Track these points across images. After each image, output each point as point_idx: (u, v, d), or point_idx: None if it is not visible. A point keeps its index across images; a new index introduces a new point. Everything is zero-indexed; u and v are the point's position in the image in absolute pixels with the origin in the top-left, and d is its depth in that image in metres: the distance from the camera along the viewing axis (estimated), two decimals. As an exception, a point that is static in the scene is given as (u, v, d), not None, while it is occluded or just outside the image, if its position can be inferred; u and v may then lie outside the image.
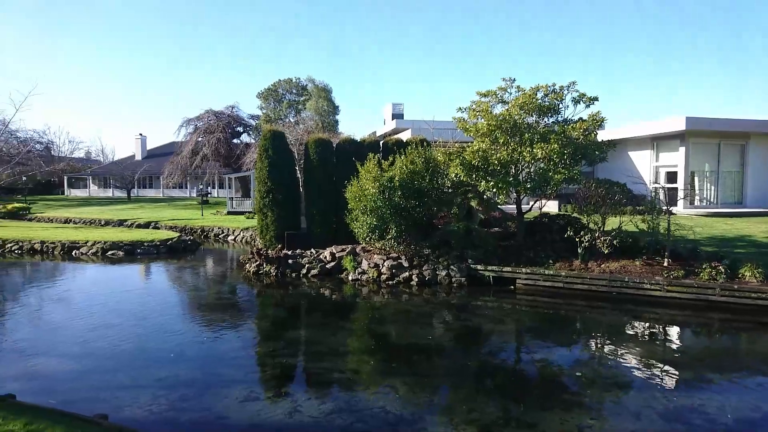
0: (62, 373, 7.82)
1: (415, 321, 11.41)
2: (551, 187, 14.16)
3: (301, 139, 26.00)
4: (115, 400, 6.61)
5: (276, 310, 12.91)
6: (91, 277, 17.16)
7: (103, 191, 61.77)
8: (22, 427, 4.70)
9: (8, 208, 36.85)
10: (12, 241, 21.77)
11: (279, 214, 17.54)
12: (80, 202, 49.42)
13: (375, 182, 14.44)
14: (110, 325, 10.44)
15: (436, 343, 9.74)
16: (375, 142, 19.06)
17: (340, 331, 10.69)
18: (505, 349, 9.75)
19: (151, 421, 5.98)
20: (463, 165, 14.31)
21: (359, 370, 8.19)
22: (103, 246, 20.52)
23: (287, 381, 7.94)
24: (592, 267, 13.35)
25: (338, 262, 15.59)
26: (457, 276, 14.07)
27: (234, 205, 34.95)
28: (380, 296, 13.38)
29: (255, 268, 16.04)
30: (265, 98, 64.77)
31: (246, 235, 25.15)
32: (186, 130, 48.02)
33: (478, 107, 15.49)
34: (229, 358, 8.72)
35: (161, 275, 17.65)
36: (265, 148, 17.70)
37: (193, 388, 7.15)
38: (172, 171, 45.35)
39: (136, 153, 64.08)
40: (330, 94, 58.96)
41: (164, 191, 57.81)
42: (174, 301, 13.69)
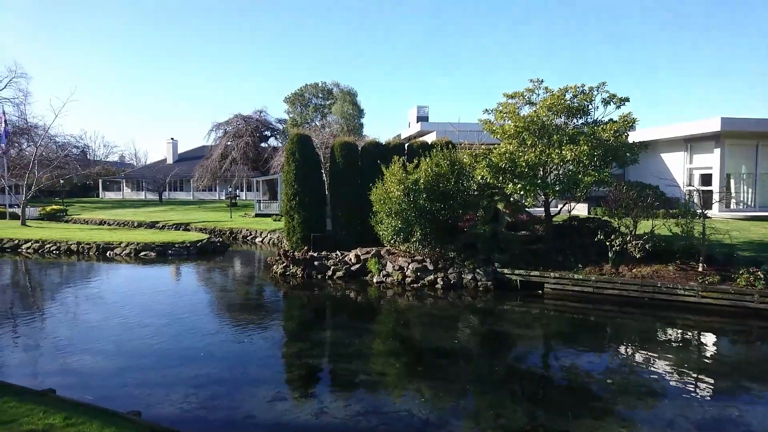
0: (98, 370, 8.08)
1: (441, 324, 11.36)
2: (581, 189, 13.90)
3: (326, 142, 26.30)
4: (147, 398, 6.80)
5: (302, 311, 13.05)
6: (124, 277, 17.69)
7: (136, 194, 63.61)
8: (61, 421, 4.88)
9: (47, 210, 38.33)
10: (50, 242, 22.64)
11: (305, 217, 17.73)
12: (114, 205, 51.06)
13: (400, 185, 14.45)
14: (143, 324, 10.75)
15: (462, 347, 9.66)
16: (400, 144, 19.09)
17: (365, 333, 10.73)
18: (533, 354, 9.60)
19: (182, 419, 6.12)
20: (490, 167, 14.17)
21: (385, 373, 8.19)
22: (136, 247, 21.14)
23: (314, 382, 8.01)
24: (623, 271, 13.03)
25: (363, 264, 15.65)
26: (483, 280, 13.93)
27: (261, 208, 35.49)
28: (405, 299, 13.37)
29: (282, 270, 16.26)
30: (291, 103, 65.57)
31: (273, 237, 25.50)
32: (216, 135, 49.14)
33: (505, 109, 15.34)
34: (258, 358, 8.86)
35: (191, 276, 18.06)
36: (292, 151, 17.93)
37: (223, 386, 7.29)
38: (202, 174, 46.44)
39: (168, 157, 65.78)
40: (355, 98, 59.29)
41: (194, 194, 59.16)
42: (204, 301, 13.98)
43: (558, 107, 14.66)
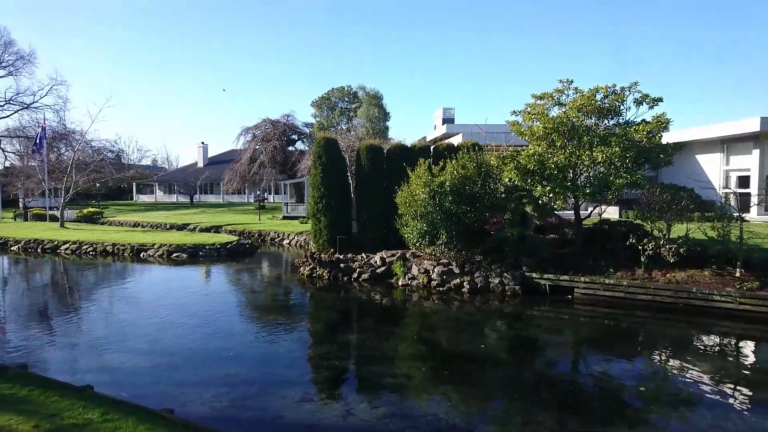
0: (132, 368, 8.34)
1: (467, 329, 11.27)
2: (612, 192, 13.59)
3: (352, 145, 26.47)
4: (180, 396, 6.98)
5: (329, 313, 13.16)
6: (157, 277, 18.20)
7: (168, 197, 65.33)
8: (99, 417, 5.07)
9: (84, 212, 39.79)
10: (87, 243, 23.48)
11: (331, 219, 17.90)
12: (147, 207, 52.61)
13: (425, 187, 14.43)
14: (176, 323, 11.04)
15: (490, 352, 9.57)
16: (425, 147, 19.07)
17: (391, 336, 10.74)
18: (563, 360, 9.43)
19: (213, 418, 6.25)
20: (518, 169, 13.99)
21: (411, 376, 8.19)
22: (169, 249, 21.72)
23: (340, 383, 8.07)
24: (656, 276, 12.67)
25: (388, 267, 15.67)
26: (511, 284, 13.76)
27: (289, 210, 35.97)
28: (431, 302, 13.32)
29: (309, 272, 16.44)
30: (318, 107, 66.35)
31: (300, 239, 25.81)
32: (245, 139, 50.21)
33: (534, 110, 15.14)
34: (285, 359, 8.98)
35: (222, 277, 18.44)
36: (318, 155, 18.14)
37: (252, 386, 7.42)
38: (232, 177, 47.46)
39: (199, 161, 67.38)
40: (380, 101, 59.59)
41: (224, 197, 60.39)
42: (234, 302, 14.26)
43: (588, 108, 14.38)
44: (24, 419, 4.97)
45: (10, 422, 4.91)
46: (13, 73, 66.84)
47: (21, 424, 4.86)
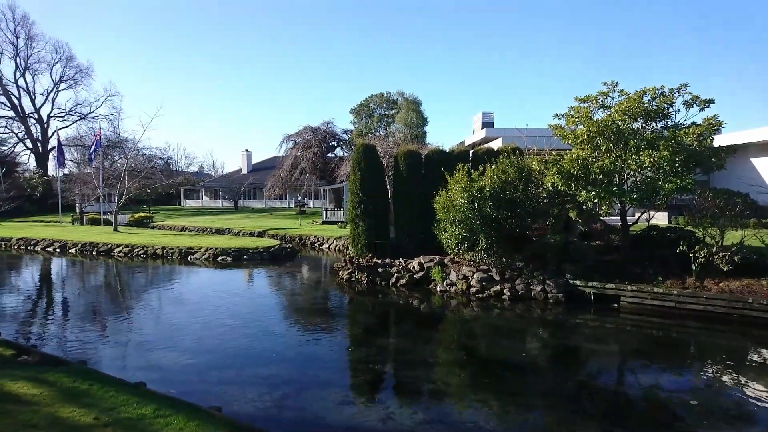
0: (180, 366, 8.69)
1: (508, 336, 11.10)
2: (661, 197, 13.09)
3: (390, 151, 26.61)
4: (225, 394, 7.22)
5: (367, 317, 13.27)
6: (203, 280, 18.87)
7: (214, 202, 67.58)
8: (152, 412, 5.34)
9: (135, 217, 41.72)
10: (139, 246, 24.64)
11: (369, 224, 18.05)
12: (194, 212, 54.60)
13: (464, 192, 14.32)
14: (221, 324, 11.43)
15: (531, 360, 9.39)
16: (464, 152, 18.95)
17: (429, 342, 10.71)
18: (608, 370, 9.14)
19: (256, 417, 6.43)
20: (561, 174, 13.68)
21: (450, 383, 8.15)
22: (214, 252, 22.50)
23: (379, 387, 8.13)
24: (708, 285, 12.08)
25: (426, 272, 15.64)
26: (554, 291, 13.44)
27: (328, 215, 36.50)
28: (470, 309, 13.20)
29: (347, 276, 16.63)
30: (357, 113, 67.06)
31: (339, 244, 26.14)
32: (286, 146, 51.44)
33: (577, 113, 14.79)
34: (325, 361, 9.13)
35: (264, 280, 18.92)
36: (357, 161, 18.36)
37: (293, 387, 7.59)
38: (274, 183, 48.68)
39: (243, 167, 69.44)
40: (419, 106, 59.53)
41: (266, 202, 61.90)
42: (276, 304, 14.61)
43: (635, 110, 13.93)
44: (85, 412, 5.29)
45: (73, 414, 5.24)
46: (73, 86, 71.32)
47: (83, 416, 5.18)
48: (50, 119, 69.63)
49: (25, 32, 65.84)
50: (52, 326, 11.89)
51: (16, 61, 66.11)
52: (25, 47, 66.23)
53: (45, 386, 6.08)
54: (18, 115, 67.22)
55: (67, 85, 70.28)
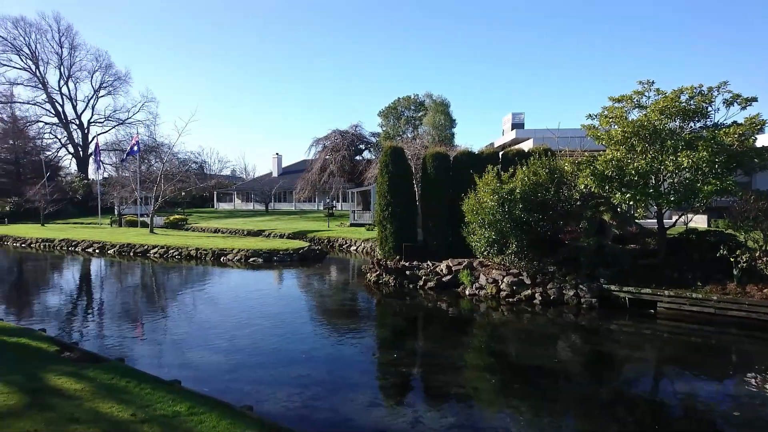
0: (213, 365, 8.88)
1: (539, 342, 10.89)
2: (699, 199, 12.61)
3: (418, 153, 26.53)
4: (256, 394, 7.33)
5: (395, 319, 13.25)
6: (235, 280, 19.25)
7: (245, 204, 68.87)
8: (186, 410, 5.47)
9: (171, 219, 42.99)
10: (174, 247, 25.35)
11: (397, 227, 18.04)
12: (227, 214, 55.82)
13: (494, 194, 14.15)
14: (252, 324, 11.64)
15: (563, 366, 9.18)
16: (494, 153, 18.73)
17: (458, 346, 10.61)
18: (644, 378, 8.85)
19: (287, 417, 6.51)
20: (594, 175, 13.35)
21: (479, 387, 8.05)
22: (246, 253, 22.94)
23: (408, 390, 8.09)
24: (751, 291, 11.56)
25: (454, 275, 15.51)
26: (587, 296, 13.12)
27: (356, 218, 36.71)
28: (500, 313, 13.01)
29: (375, 278, 16.66)
30: (385, 116, 67.28)
31: (366, 246, 26.23)
32: (315, 149, 52.11)
33: (611, 113, 14.44)
34: (354, 363, 9.16)
35: (294, 281, 19.16)
36: (385, 163, 18.39)
37: (323, 388, 7.65)
38: (303, 186, 49.37)
39: (273, 170, 70.61)
40: (447, 108, 59.28)
41: (296, 204, 62.70)
42: (305, 305, 14.77)
43: (672, 110, 13.48)
44: (123, 407, 5.47)
45: (112, 409, 5.42)
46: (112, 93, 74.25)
47: (121, 412, 5.36)
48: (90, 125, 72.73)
49: (69, 42, 69.02)
50: (91, 324, 12.35)
51: (60, 70, 69.36)
52: (69, 56, 69.43)
53: (85, 382, 6.31)
54: (61, 122, 70.38)
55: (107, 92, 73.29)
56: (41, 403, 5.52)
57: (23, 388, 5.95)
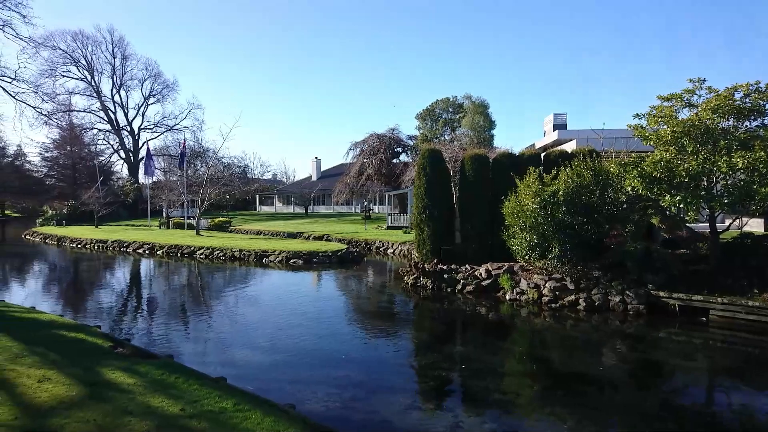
0: (255, 364, 9.13)
1: (583, 349, 10.58)
2: (756, 202, 11.94)
3: (456, 155, 26.36)
4: (297, 393, 7.48)
5: (433, 323, 13.19)
6: (276, 281, 19.69)
7: (286, 207, 70.28)
8: (232, 406, 5.66)
9: (215, 221, 44.39)
10: (218, 249, 26.19)
11: (435, 230, 17.95)
12: (268, 217, 57.09)
13: (536, 197, 13.85)
14: (293, 324, 11.88)
15: (608, 374, 8.89)
16: (535, 155, 18.35)
17: (498, 351, 10.47)
18: (695, 389, 8.46)
19: (327, 417, 6.60)
20: (642, 177, 12.85)
21: (521, 393, 7.91)
22: (287, 255, 23.42)
23: (446, 394, 8.05)
24: (817, 301, 10.82)
25: (494, 279, 15.27)
26: (634, 303, 12.64)
27: (392, 221, 36.76)
28: (541, 319, 12.73)
29: (412, 281, 16.64)
30: (422, 119, 67.20)
31: (403, 249, 26.24)
32: (353, 153, 52.63)
33: (660, 112, 13.87)
34: (392, 365, 9.19)
35: (333, 282, 19.41)
36: (423, 166, 18.34)
37: (362, 389, 7.72)
38: (342, 189, 49.94)
39: (312, 174, 71.80)
40: (486, 110, 58.56)
41: (334, 207, 63.51)
42: (344, 307, 14.93)
43: (725, 109, 12.82)
44: (173, 402, 5.71)
45: (162, 404, 5.67)
46: (160, 100, 77.60)
47: (171, 407, 5.60)
48: (140, 131, 76.15)
49: (121, 53, 72.59)
50: (140, 321, 12.93)
51: (113, 79, 73.04)
52: (121, 66, 73.02)
53: (138, 377, 6.63)
54: (113, 128, 74.10)
55: (155, 100, 76.64)
56: (98, 395, 5.83)
57: (82, 380, 6.30)
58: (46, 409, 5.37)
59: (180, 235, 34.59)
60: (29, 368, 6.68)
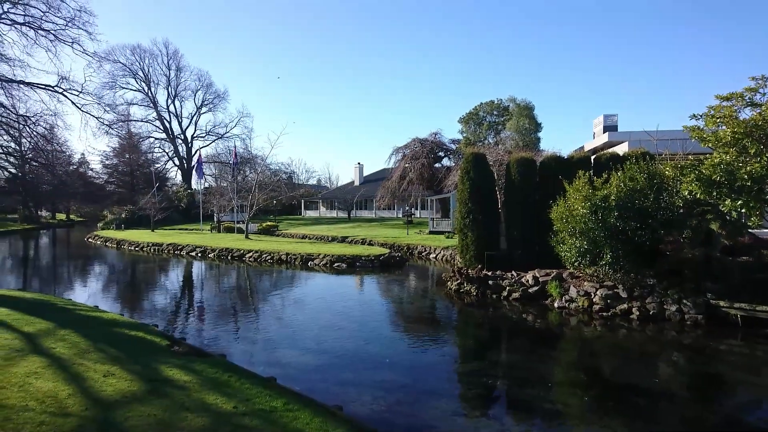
0: (302, 365, 9.32)
1: (637, 360, 10.15)
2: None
3: (501, 159, 25.96)
4: (343, 395, 7.59)
5: (478, 329, 13.03)
6: (321, 284, 20.04)
7: (329, 212, 71.52)
8: (282, 406, 5.82)
9: (263, 225, 45.66)
10: (266, 252, 26.94)
11: (479, 235, 17.72)
12: (313, 221, 58.23)
13: (586, 201, 13.42)
14: (338, 327, 12.06)
15: (665, 386, 8.49)
16: (585, 158, 17.81)
17: (546, 360, 10.21)
18: (760, 405, 7.94)
19: (372, 419, 6.66)
20: (700, 181, 12.21)
21: (570, 404, 7.68)
22: (331, 259, 23.81)
23: (492, 402, 7.94)
24: None
25: (542, 287, 14.90)
26: (692, 312, 12.02)
27: (435, 225, 36.59)
28: (592, 328, 12.30)
29: (456, 287, 16.49)
30: (465, 122, 66.56)
31: (446, 254, 26.06)
32: (395, 158, 52.91)
33: (719, 113, 13.16)
34: (437, 370, 9.15)
35: (376, 286, 19.53)
36: (466, 170, 18.18)
37: (406, 393, 7.74)
38: (383, 194, 50.26)
39: (355, 179, 72.73)
40: (532, 112, 57.31)
41: (376, 212, 64.05)
42: (387, 311, 15.00)
43: (793, 107, 12.02)
44: (226, 400, 5.95)
45: (217, 401, 5.91)
46: (212, 110, 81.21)
47: (224, 404, 5.83)
48: (193, 139, 79.66)
49: (176, 65, 76.38)
50: (193, 321, 13.48)
51: (168, 90, 76.93)
52: (175, 78, 76.84)
53: (193, 374, 6.93)
54: (168, 137, 77.91)
55: (207, 109, 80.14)
56: (157, 391, 6.15)
57: (143, 377, 6.67)
58: (111, 402, 5.72)
59: (230, 238, 35.82)
60: (95, 363, 7.13)
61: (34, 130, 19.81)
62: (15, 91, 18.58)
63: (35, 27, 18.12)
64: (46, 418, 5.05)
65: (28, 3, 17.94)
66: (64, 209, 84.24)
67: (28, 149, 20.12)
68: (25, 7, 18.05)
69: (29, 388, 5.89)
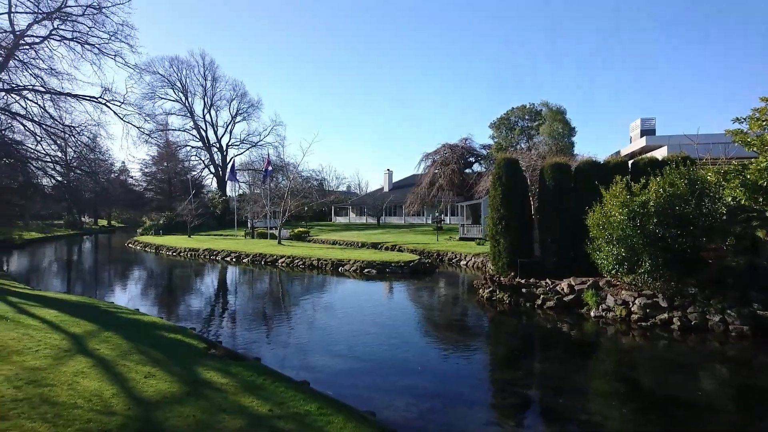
0: (333, 370, 9.40)
1: (678, 371, 9.78)
2: None
3: (534, 165, 25.58)
4: (375, 401, 7.60)
5: (511, 338, 12.82)
6: (351, 290, 20.16)
7: (359, 218, 71.87)
8: (315, 410, 5.90)
9: (295, 231, 46.36)
10: (298, 257, 27.33)
11: (511, 241, 17.45)
12: (343, 227, 58.68)
13: (623, 207, 13.04)
14: (368, 332, 12.10)
15: (708, 399, 8.16)
16: (621, 162, 17.35)
17: (582, 370, 9.96)
18: (816, 424, 7.50)
19: (404, 426, 6.66)
20: (745, 186, 11.74)
21: (608, 416, 7.46)
22: (361, 264, 23.94)
23: (527, 412, 7.80)
24: None
25: (577, 295, 14.54)
26: (737, 323, 11.50)
27: (465, 232, 36.27)
28: (630, 338, 11.93)
29: (488, 294, 16.27)
30: (497, 127, 65.94)
31: (477, 261, 25.78)
32: (425, 164, 52.91)
33: (764, 115, 12.64)
34: (469, 378, 9.07)
35: (406, 293, 19.51)
36: (498, 176, 17.97)
37: (439, 401, 7.69)
38: (413, 200, 50.25)
39: (384, 186, 72.95)
40: (565, 116, 56.30)
41: (405, 218, 64.01)
42: (418, 318, 14.96)
43: None
44: (261, 402, 6.06)
45: (252, 404, 6.04)
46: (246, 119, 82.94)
47: (260, 407, 5.94)
48: (228, 147, 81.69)
49: (211, 75, 78.62)
50: (228, 325, 13.79)
51: (204, 100, 79.21)
52: (211, 88, 79.06)
53: (229, 377, 7.10)
54: (204, 145, 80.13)
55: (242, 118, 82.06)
56: (196, 393, 6.33)
57: (182, 378, 6.87)
58: (152, 403, 5.91)
59: (263, 244, 36.48)
60: (137, 364, 7.39)
61: (79, 139, 20.71)
62: (62, 102, 19.55)
63: (82, 42, 19.05)
64: (93, 416, 5.27)
65: (75, 19, 18.88)
66: (105, 215, 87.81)
67: (72, 158, 21.14)
68: (73, 23, 19.01)
69: (77, 386, 6.16)
